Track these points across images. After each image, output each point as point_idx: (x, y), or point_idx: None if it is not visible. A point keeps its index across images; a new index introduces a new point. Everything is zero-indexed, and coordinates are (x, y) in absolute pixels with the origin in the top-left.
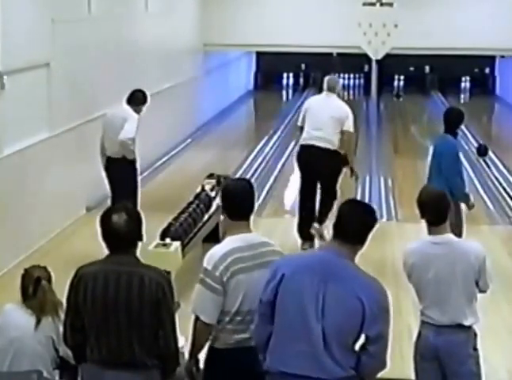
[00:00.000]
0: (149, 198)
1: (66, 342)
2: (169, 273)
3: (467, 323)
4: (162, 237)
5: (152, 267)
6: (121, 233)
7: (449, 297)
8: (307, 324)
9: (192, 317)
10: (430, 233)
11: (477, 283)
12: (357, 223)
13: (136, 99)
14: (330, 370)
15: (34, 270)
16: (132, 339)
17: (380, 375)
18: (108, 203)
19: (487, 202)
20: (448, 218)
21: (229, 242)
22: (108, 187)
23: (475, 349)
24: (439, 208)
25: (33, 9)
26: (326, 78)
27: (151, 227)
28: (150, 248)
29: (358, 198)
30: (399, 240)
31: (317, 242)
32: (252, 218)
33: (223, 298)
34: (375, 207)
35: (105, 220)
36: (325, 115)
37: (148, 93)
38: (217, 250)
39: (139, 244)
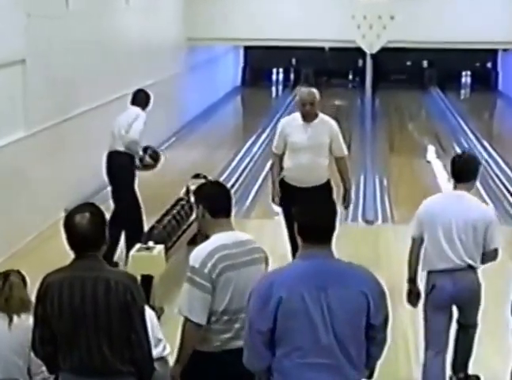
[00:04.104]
0: None
1: (37, 353)
2: (152, 277)
3: (476, 265)
4: (145, 241)
5: (118, 271)
6: (83, 233)
7: (462, 241)
8: (319, 339)
9: (181, 320)
10: (454, 188)
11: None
12: (328, 219)
13: (141, 99)
14: (352, 377)
15: (7, 272)
16: (103, 345)
17: None
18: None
19: (487, 201)
20: None
21: (215, 240)
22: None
23: (479, 285)
24: (468, 166)
25: (7, 3)
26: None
27: None
28: (133, 252)
29: (352, 197)
30: (395, 243)
31: None
32: (240, 220)
33: (212, 296)
34: (369, 208)
35: (68, 221)
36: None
37: (130, 90)
38: (204, 247)
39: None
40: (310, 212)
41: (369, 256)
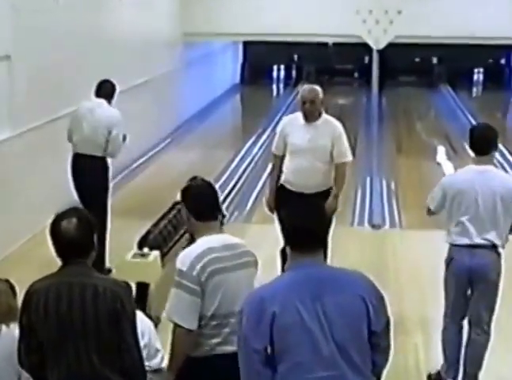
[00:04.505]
0: (125, 204)
1: (22, 365)
2: (148, 285)
3: (499, 243)
4: (140, 247)
5: (108, 277)
6: (71, 239)
7: (487, 219)
8: (320, 351)
9: (171, 327)
10: (475, 162)
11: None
12: (317, 224)
13: (107, 90)
14: None
15: None
16: (91, 354)
17: None
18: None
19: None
20: None
21: (203, 243)
22: (74, 188)
23: (499, 267)
24: (487, 137)
25: None
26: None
27: (128, 235)
28: (127, 259)
29: (358, 202)
30: (402, 249)
31: None
32: (240, 224)
33: (201, 300)
34: (376, 212)
35: (54, 226)
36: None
37: (123, 88)
38: (192, 250)
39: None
40: (297, 216)
41: (376, 263)
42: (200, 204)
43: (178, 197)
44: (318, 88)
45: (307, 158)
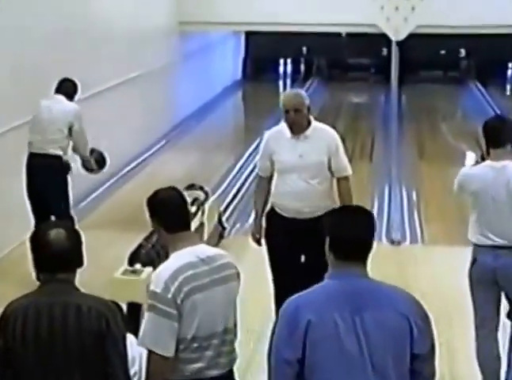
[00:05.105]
0: (114, 213)
1: None
2: (140, 305)
3: None
4: (131, 263)
5: (93, 296)
6: (60, 250)
7: (507, 218)
8: (353, 370)
9: (144, 354)
10: (491, 157)
11: None
12: (360, 233)
13: (67, 88)
14: None
15: None
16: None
17: None
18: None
19: None
20: None
21: (177, 258)
22: (26, 190)
23: None
24: (500, 128)
25: None
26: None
27: (118, 249)
28: (117, 276)
29: (375, 213)
30: (424, 267)
31: None
32: (241, 238)
33: (178, 323)
34: (395, 225)
35: (40, 237)
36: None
37: (111, 84)
38: (165, 268)
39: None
40: (345, 224)
41: (395, 283)
42: (170, 214)
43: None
44: (302, 92)
45: (300, 177)
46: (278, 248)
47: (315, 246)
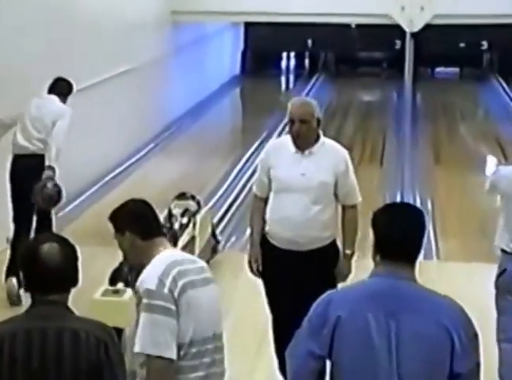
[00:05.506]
0: (96, 225)
1: None
2: (121, 330)
3: None
4: (113, 282)
5: (89, 320)
6: (54, 268)
7: None
8: (381, 377)
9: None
10: None
11: None
12: (410, 232)
13: (61, 88)
14: None
15: None
16: None
17: None
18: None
19: None
20: None
21: (161, 259)
22: (11, 194)
23: None
24: None
25: None
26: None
27: (99, 266)
28: (97, 297)
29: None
30: (439, 286)
31: None
32: (238, 253)
33: (177, 322)
34: None
35: (31, 252)
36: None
37: (96, 80)
38: (154, 266)
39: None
40: (395, 222)
41: None
42: (146, 220)
43: (161, 219)
44: (312, 102)
45: (300, 200)
46: (273, 285)
47: (316, 282)
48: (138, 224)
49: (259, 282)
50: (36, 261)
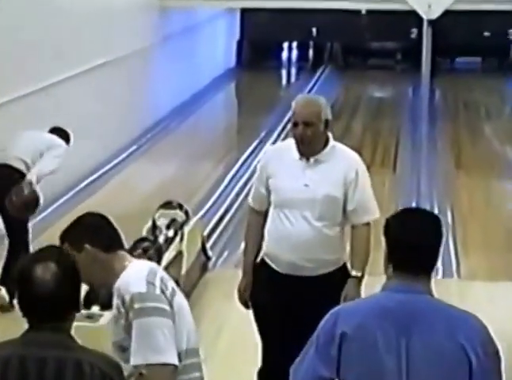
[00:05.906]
0: None
1: None
2: None
3: None
4: (87, 304)
5: (96, 352)
6: (47, 294)
7: None
8: None
9: None
10: None
11: None
12: (424, 238)
13: (60, 135)
14: None
15: None
16: None
17: None
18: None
19: None
20: None
21: (138, 265)
22: None
23: None
24: None
25: None
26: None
27: None
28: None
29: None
30: (460, 306)
31: None
32: (231, 271)
33: (174, 323)
34: None
35: (24, 273)
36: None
37: (73, 72)
38: (136, 271)
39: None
40: (409, 229)
41: None
42: (104, 231)
43: (145, 231)
44: (320, 100)
45: (302, 216)
46: (264, 313)
47: (315, 314)
48: (97, 235)
49: None
50: (28, 285)
